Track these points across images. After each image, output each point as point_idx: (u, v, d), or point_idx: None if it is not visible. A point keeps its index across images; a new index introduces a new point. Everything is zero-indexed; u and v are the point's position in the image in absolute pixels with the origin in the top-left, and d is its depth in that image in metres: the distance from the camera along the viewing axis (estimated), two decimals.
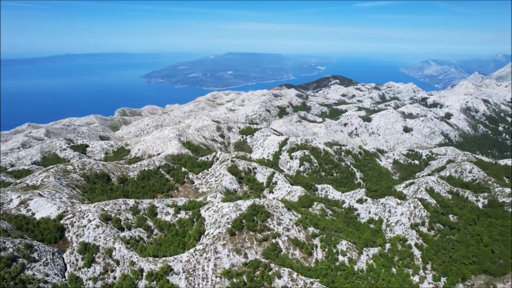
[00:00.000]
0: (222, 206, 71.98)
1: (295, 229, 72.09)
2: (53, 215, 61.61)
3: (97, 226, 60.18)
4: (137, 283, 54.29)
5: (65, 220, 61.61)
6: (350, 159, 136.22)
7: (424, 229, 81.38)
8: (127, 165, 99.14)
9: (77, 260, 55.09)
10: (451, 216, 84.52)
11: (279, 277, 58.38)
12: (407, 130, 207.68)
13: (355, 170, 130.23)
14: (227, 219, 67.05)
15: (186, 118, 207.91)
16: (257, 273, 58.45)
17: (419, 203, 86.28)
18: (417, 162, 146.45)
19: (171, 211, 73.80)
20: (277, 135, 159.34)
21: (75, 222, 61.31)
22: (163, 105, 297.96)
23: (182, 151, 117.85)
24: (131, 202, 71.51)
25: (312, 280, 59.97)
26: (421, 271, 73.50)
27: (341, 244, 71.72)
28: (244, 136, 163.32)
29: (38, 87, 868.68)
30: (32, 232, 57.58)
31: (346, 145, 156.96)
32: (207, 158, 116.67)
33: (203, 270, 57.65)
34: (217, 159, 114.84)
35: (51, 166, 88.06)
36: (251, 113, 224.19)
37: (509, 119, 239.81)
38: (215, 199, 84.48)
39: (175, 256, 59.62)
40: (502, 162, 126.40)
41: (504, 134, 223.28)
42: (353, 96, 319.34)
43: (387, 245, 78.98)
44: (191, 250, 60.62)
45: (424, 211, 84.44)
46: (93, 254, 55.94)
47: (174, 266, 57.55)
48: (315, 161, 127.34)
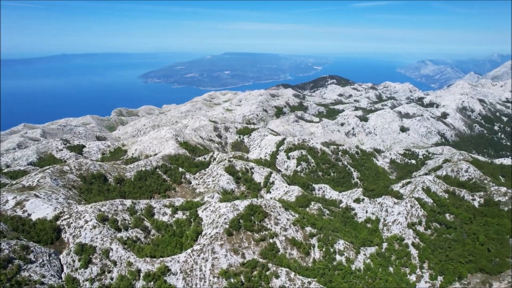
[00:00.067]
0: (219, 206, 71.95)
1: (292, 229, 72.18)
2: (49, 216, 61.31)
3: (94, 227, 59.97)
4: (134, 283, 54.18)
5: (62, 221, 61.34)
6: (347, 159, 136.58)
7: (421, 228, 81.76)
8: (124, 166, 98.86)
9: (74, 261, 54.87)
10: (447, 215, 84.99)
11: (277, 277, 58.44)
12: (403, 129, 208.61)
13: (352, 169, 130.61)
14: (225, 219, 67.03)
15: (183, 118, 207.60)
16: (255, 273, 58.47)
17: (416, 202, 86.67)
18: (413, 161, 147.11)
19: (168, 211, 73.68)
20: (274, 135, 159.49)
21: (71, 223, 61.05)
22: (160, 105, 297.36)
23: (179, 151, 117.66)
24: (128, 202, 71.34)
25: (309, 279, 60.10)
26: (418, 270, 73.88)
27: (339, 243, 71.91)
28: (241, 136, 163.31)
29: (34, 88, 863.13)
30: (28, 233, 57.30)
31: (343, 145, 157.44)
32: (204, 158, 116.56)
33: (200, 270, 57.62)
34: (214, 159, 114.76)
35: (47, 167, 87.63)
36: (248, 113, 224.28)
37: (504, 118, 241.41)
38: (213, 199, 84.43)
39: (173, 257, 59.58)
40: (498, 161, 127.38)
41: (499, 134, 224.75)
42: (350, 96, 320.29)
43: (384, 245, 79.32)
44: (189, 251, 60.57)
45: (421, 210, 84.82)
46: (90, 255, 55.76)
47: (171, 266, 57.48)
48: (312, 161, 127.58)
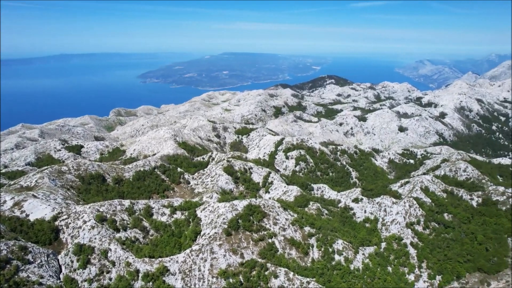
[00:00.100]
0: (218, 206, 71.91)
1: (291, 228, 72.20)
2: (47, 217, 61.15)
3: (93, 227, 59.84)
4: (133, 284, 54.09)
5: (60, 221, 61.18)
6: (346, 159, 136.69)
7: (419, 228, 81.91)
8: (122, 166, 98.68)
9: (72, 262, 54.75)
10: (446, 214, 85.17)
11: (276, 277, 58.45)
12: (402, 129, 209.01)
13: (350, 169, 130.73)
14: (223, 219, 66.99)
15: (182, 118, 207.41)
16: (254, 273, 58.47)
17: (414, 202, 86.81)
18: (412, 161, 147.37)
19: (167, 211, 73.60)
20: (273, 135, 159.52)
21: (70, 223, 60.90)
22: (158, 105, 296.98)
23: (178, 151, 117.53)
24: (126, 202, 71.22)
25: (308, 279, 60.14)
26: (416, 269, 74.01)
27: (337, 243, 71.96)
28: (240, 136, 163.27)
29: (32, 88, 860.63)
30: (27, 233, 57.13)
31: (342, 145, 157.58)
32: (203, 158, 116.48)
33: (199, 270, 57.57)
34: (213, 159, 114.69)
35: (46, 167, 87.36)
36: (246, 113, 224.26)
37: (502, 118, 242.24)
38: (211, 199, 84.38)
39: (171, 257, 59.51)
40: (496, 160, 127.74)
41: (497, 133, 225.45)
42: (349, 96, 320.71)
43: (383, 244, 79.43)
44: (187, 251, 60.52)
45: (419, 210, 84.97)
46: (89, 255, 55.65)
47: (170, 266, 57.41)
48: (311, 160, 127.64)
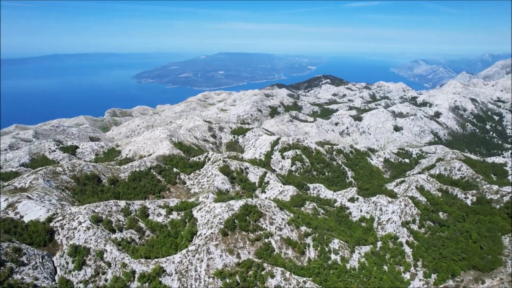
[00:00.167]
0: (214, 207, 71.80)
1: (287, 228, 72.30)
2: (42, 218, 60.64)
3: (88, 228, 59.47)
4: (129, 285, 53.84)
5: (55, 222, 60.71)
6: (342, 158, 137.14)
7: (414, 227, 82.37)
8: (118, 166, 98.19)
9: (67, 263, 54.35)
10: (441, 213, 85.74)
11: (272, 276, 58.50)
12: (397, 129, 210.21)
13: (346, 169, 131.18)
14: (220, 219, 66.91)
15: (177, 118, 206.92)
16: (250, 273, 58.47)
17: (410, 201, 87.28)
18: (407, 160, 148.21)
19: (163, 212, 73.38)
20: (268, 134, 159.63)
21: (65, 224, 60.47)
22: (154, 106, 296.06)
23: (174, 151, 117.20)
24: (122, 203, 70.89)
25: (305, 279, 60.26)
26: (412, 268, 74.40)
27: (333, 242, 72.16)
28: (236, 136, 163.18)
29: (26, 88, 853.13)
30: (21, 235, 56.61)
31: (338, 144, 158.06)
32: (199, 159, 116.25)
33: (195, 270, 57.45)
34: (209, 159, 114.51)
35: (40, 168, 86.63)
36: (242, 113, 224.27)
37: (496, 117, 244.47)
38: (207, 199, 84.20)
39: (168, 257, 59.33)
40: (490, 159, 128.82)
41: (491, 132, 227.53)
42: (344, 95, 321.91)
43: (379, 243, 79.74)
44: (184, 251, 60.36)
45: (414, 209, 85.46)
46: (84, 257, 55.27)
47: (166, 267, 57.23)
48: (307, 160, 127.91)
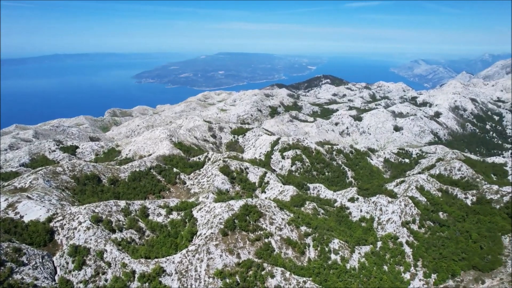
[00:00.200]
0: (214, 207, 71.80)
1: (287, 228, 72.30)
2: (42, 218, 60.64)
3: (88, 228, 59.48)
4: (129, 285, 53.83)
5: (55, 222, 60.72)
6: (342, 158, 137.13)
7: (414, 227, 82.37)
8: (118, 166, 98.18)
9: (67, 263, 54.36)
10: (441, 213, 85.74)
11: (272, 276, 58.49)
12: (397, 129, 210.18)
13: (346, 169, 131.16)
14: (220, 219, 66.91)
15: (177, 118, 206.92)
16: (250, 273, 58.46)
17: (410, 201, 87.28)
18: (407, 160, 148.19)
19: (163, 212, 73.37)
20: (268, 134, 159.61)
21: (65, 224, 60.48)
22: (154, 106, 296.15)
23: (174, 151, 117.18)
24: (122, 203, 70.89)
25: (305, 279, 60.25)
26: (412, 268, 74.40)
27: (333, 242, 72.15)
28: (236, 136, 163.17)
29: (26, 88, 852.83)
30: (21, 235, 56.62)
31: (338, 144, 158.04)
32: (199, 159, 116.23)
33: (195, 271, 57.45)
34: (209, 159, 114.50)
35: (40, 168, 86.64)
36: (242, 113, 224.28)
37: (496, 117, 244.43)
38: (207, 199, 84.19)
39: (168, 257, 59.33)
40: (490, 159, 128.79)
41: (491, 132, 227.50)
42: (344, 95, 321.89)
43: (379, 243, 79.74)
44: (184, 251, 60.36)
45: (414, 209, 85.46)
46: (84, 257, 55.27)
47: (166, 267, 57.23)
48: (307, 160, 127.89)
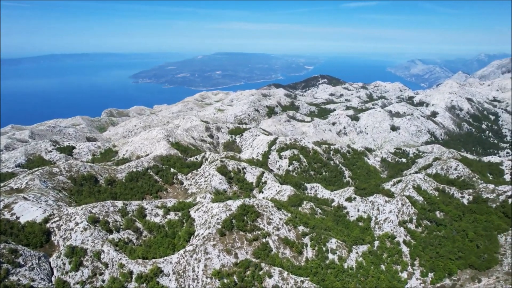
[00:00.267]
0: (211, 207, 71.74)
1: (285, 228, 72.35)
2: (38, 219, 60.37)
3: (85, 229, 59.25)
4: (126, 285, 53.68)
5: (52, 223, 60.44)
6: (339, 158, 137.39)
7: (412, 226, 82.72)
8: (115, 167, 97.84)
9: (64, 264, 54.12)
10: (437, 212, 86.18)
11: (270, 276, 58.51)
12: (394, 128, 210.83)
13: (343, 168, 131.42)
14: (217, 219, 66.86)
15: (175, 118, 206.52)
16: (248, 273, 58.46)
17: (407, 200, 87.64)
18: (404, 160, 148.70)
19: (160, 212, 73.21)
20: (266, 134, 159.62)
21: (61, 225, 60.21)
22: (151, 106, 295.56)
23: (171, 151, 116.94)
24: (119, 204, 70.66)
25: (302, 278, 60.33)
26: (409, 267, 74.74)
27: (331, 242, 72.28)
28: (233, 136, 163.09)
29: (22, 88, 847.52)
30: (17, 236, 56.30)
31: (335, 144, 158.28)
32: (196, 159, 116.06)
33: (193, 271, 57.38)
34: (206, 159, 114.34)
35: (36, 169, 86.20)
36: (240, 113, 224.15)
37: (491, 117, 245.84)
38: (205, 199, 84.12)
39: (165, 258, 59.23)
40: (486, 159, 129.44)
41: (487, 132, 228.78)
42: (341, 95, 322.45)
43: (376, 243, 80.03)
44: (181, 251, 60.29)
45: (411, 208, 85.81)
46: (81, 258, 55.06)
47: (164, 267, 57.12)
48: (304, 160, 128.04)
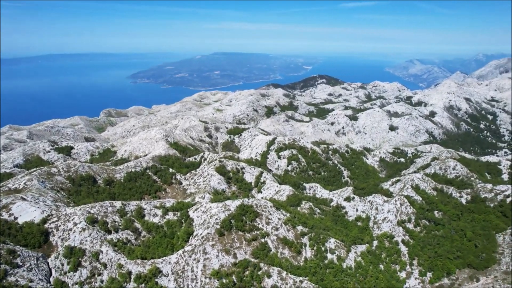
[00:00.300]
0: (210, 207, 71.70)
1: (283, 228, 72.38)
2: (37, 219, 60.20)
3: (83, 229, 59.12)
4: (125, 286, 53.60)
5: (50, 224, 60.28)
6: (337, 158, 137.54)
7: (410, 226, 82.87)
8: (113, 167, 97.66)
9: (62, 265, 53.99)
10: (436, 212, 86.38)
11: (269, 276, 58.52)
12: (392, 128, 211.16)
13: (342, 168, 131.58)
14: (216, 219, 66.83)
15: (173, 118, 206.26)
16: (247, 273, 58.46)
17: (405, 200, 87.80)
18: (403, 160, 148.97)
19: (159, 212, 73.12)
20: (264, 134, 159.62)
21: (60, 225, 60.06)
22: (149, 106, 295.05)
23: (170, 151, 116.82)
24: (118, 204, 70.54)
25: (301, 278, 60.36)
26: (407, 267, 74.87)
27: (330, 242, 72.36)
28: (232, 136, 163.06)
29: (20, 88, 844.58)
30: (15, 237, 56.13)
31: (333, 144, 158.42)
32: (195, 159, 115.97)
33: (192, 271, 57.33)
34: (205, 159, 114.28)
35: (35, 169, 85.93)
36: (238, 113, 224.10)
37: (489, 116, 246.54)
38: (204, 199, 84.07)
39: (164, 258, 59.16)
40: (484, 158, 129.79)
41: (485, 132, 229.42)
42: (340, 95, 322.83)
43: (375, 242, 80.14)
44: (180, 252, 60.23)
45: (410, 208, 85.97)
46: (79, 258, 54.95)
47: (162, 268, 57.05)
48: (303, 160, 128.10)
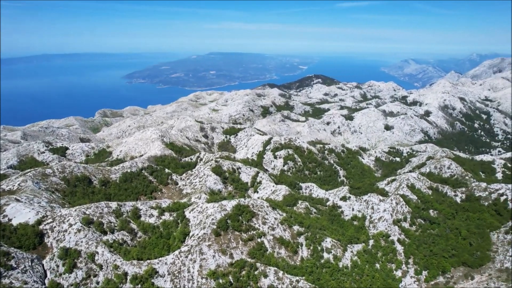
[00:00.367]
0: (206, 207, 71.60)
1: (280, 228, 72.46)
2: (31, 221, 59.70)
3: (79, 230, 58.76)
4: (121, 287, 53.33)
5: (45, 225, 59.83)
6: (333, 157, 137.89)
7: (406, 225, 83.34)
8: (109, 167, 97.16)
9: (57, 266, 53.59)
10: (431, 211, 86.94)
11: (265, 276, 58.56)
12: (388, 128, 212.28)
13: (338, 168, 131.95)
14: (212, 219, 66.74)
15: (169, 118, 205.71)
16: (243, 273, 58.46)
17: (401, 199, 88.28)
18: (398, 159, 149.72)
19: (155, 213, 72.88)
20: (261, 134, 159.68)
21: (55, 227, 59.63)
22: (145, 106, 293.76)
23: (165, 152, 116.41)
24: (113, 205, 70.19)
25: (297, 278, 60.48)
26: (403, 265, 75.30)
27: (326, 241, 72.58)
28: (228, 136, 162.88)
29: (13, 88, 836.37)
30: (9, 238, 55.59)
31: (329, 144, 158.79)
32: (191, 159, 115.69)
33: (188, 271, 57.20)
34: (201, 159, 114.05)
35: (29, 170, 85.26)
36: (234, 113, 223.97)
37: (483, 116, 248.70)
38: (200, 200, 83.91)
39: (160, 259, 58.97)
40: (478, 157, 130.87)
41: (479, 131, 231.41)
42: (335, 95, 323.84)
43: (371, 241, 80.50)
44: (176, 252, 60.07)
45: (405, 207, 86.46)
46: (75, 259, 54.55)
47: (159, 268, 56.85)
48: (299, 160, 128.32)
